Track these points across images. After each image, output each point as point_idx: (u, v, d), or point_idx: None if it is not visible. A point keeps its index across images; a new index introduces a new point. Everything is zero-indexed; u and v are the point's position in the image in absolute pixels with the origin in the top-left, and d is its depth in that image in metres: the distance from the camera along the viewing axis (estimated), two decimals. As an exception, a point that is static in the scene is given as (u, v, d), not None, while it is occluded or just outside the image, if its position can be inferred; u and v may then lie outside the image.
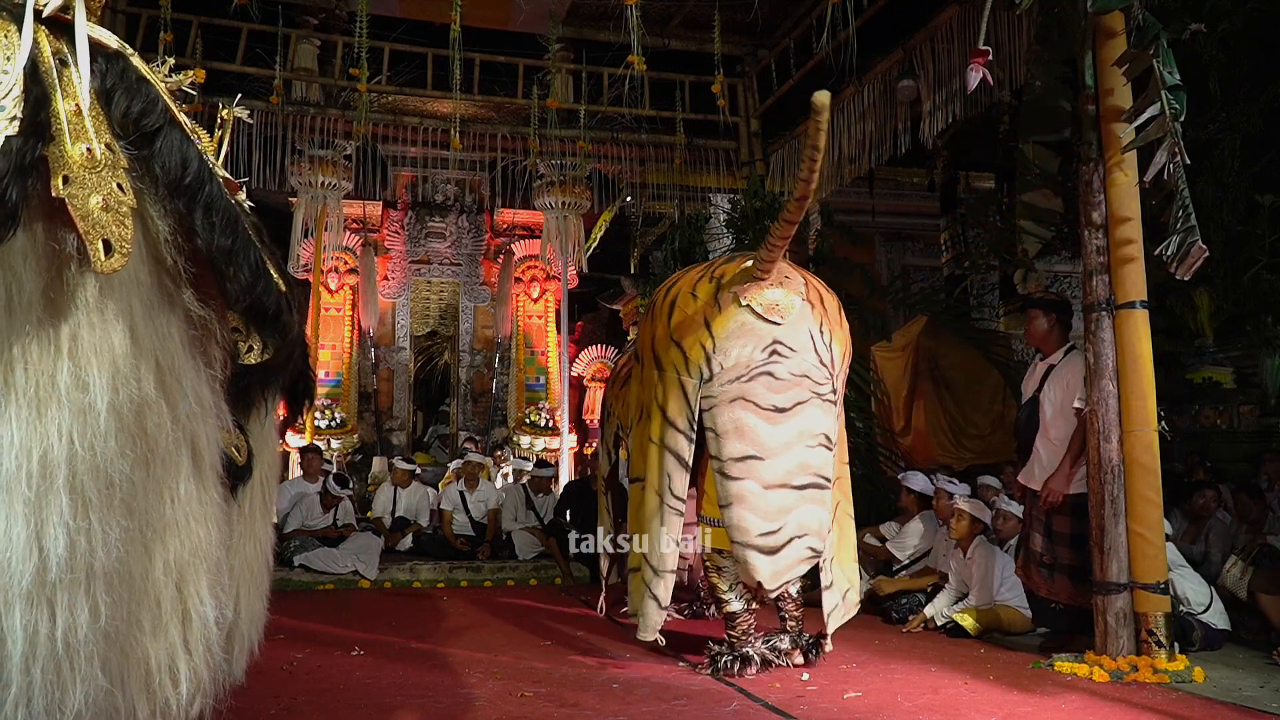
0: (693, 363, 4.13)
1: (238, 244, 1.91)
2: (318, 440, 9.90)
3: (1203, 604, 4.75)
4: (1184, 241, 3.86)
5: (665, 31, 9.40)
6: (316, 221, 9.70)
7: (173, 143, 1.77)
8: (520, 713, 3.51)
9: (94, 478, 1.56)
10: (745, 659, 4.18)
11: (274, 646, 4.74)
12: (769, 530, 4.04)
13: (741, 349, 4.07)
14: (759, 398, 4.07)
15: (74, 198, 1.54)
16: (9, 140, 1.49)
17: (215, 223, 1.83)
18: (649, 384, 4.40)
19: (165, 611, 1.73)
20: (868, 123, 7.93)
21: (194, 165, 1.80)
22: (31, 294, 1.54)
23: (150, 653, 1.69)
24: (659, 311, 4.40)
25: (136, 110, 1.72)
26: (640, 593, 4.26)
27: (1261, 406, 9.19)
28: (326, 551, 7.39)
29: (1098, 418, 4.40)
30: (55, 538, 1.49)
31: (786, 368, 4.08)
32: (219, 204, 1.86)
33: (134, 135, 1.72)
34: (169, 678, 1.72)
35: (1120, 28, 4.30)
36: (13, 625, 1.46)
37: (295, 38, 9.41)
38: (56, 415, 1.53)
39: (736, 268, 4.20)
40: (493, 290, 11.87)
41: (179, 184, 1.77)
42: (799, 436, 4.12)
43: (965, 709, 3.58)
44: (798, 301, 4.14)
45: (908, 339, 9.09)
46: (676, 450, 4.17)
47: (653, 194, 10.45)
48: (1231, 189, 6.81)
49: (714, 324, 4.10)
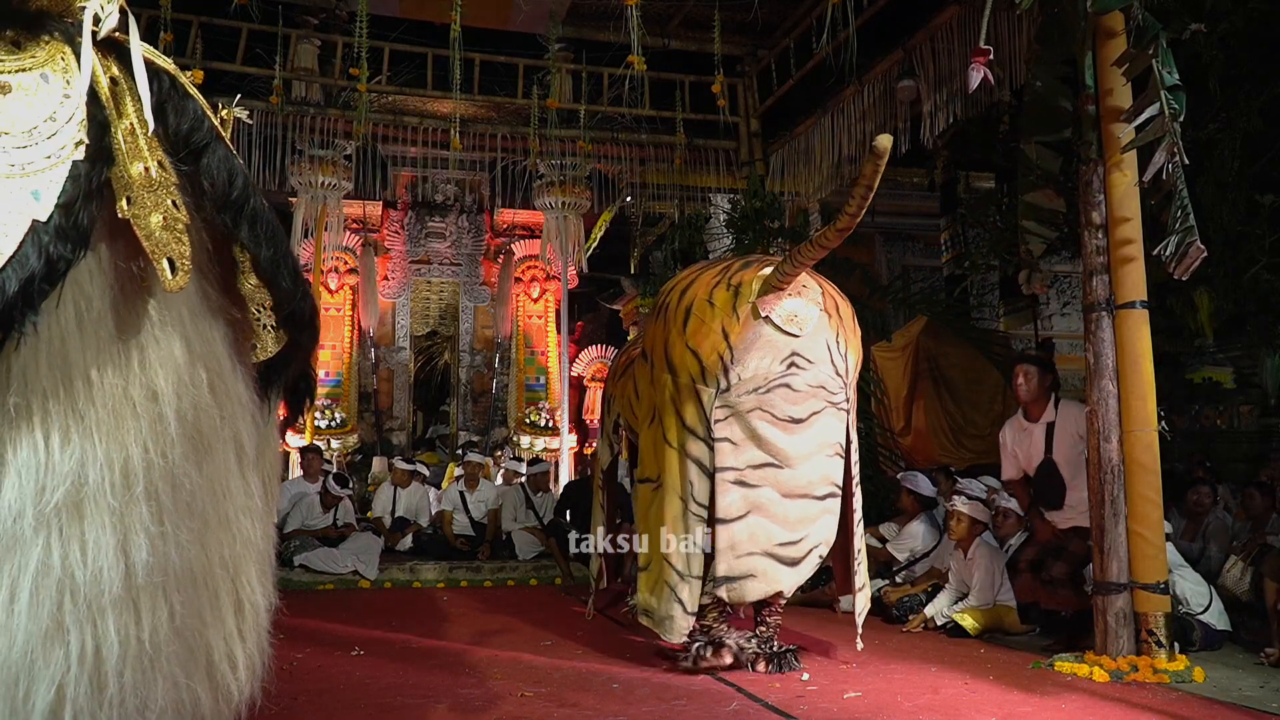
0: (710, 373, 4.11)
1: (280, 253, 1.97)
2: (318, 440, 9.91)
3: (1202, 604, 4.75)
4: (1182, 241, 3.86)
5: (665, 31, 9.40)
6: (316, 221, 9.71)
7: (219, 158, 1.81)
8: (520, 713, 3.51)
9: (166, 483, 1.61)
10: (720, 645, 4.22)
11: (274, 646, 4.74)
12: (791, 540, 4.07)
13: (760, 361, 4.06)
14: (776, 409, 4.07)
15: (137, 218, 1.59)
16: (77, 165, 1.52)
17: (260, 234, 1.89)
18: (661, 386, 4.36)
19: (223, 603, 1.80)
20: (868, 123, 7.93)
21: (240, 180, 1.85)
22: (100, 310, 1.58)
23: (212, 644, 1.76)
24: (673, 315, 4.34)
25: (186, 127, 1.77)
26: (665, 596, 4.19)
27: (1261, 406, 9.20)
28: (326, 551, 7.39)
29: (1098, 418, 4.40)
30: (139, 545, 1.55)
31: (804, 379, 4.08)
32: (263, 216, 1.92)
33: (184, 153, 1.76)
34: (229, 665, 1.80)
35: (1120, 28, 4.30)
36: (107, 631, 1.51)
37: (295, 38, 9.42)
38: (133, 426, 1.58)
39: (754, 275, 4.14)
40: (493, 290, 11.87)
41: (226, 198, 1.82)
42: (819, 447, 4.15)
43: (965, 709, 3.58)
44: (815, 312, 4.11)
45: (908, 339, 9.10)
46: (699, 458, 4.15)
47: (653, 194, 10.45)
48: (1231, 189, 6.80)
49: (732, 335, 4.07)
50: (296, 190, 9.61)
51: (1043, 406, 4.91)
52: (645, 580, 4.33)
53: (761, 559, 4.06)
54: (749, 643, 4.32)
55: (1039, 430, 4.87)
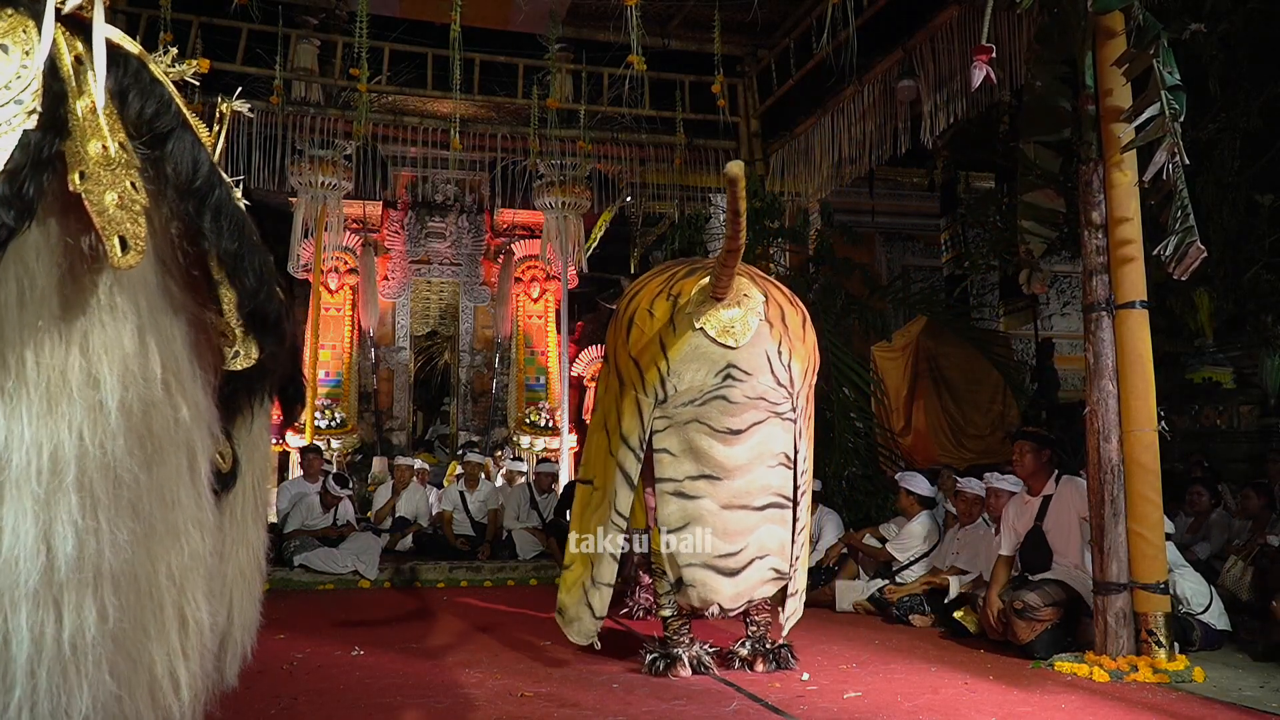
0: (649, 383, 4.08)
1: (245, 248, 1.90)
2: (318, 440, 9.91)
3: (1203, 604, 4.75)
4: (1182, 241, 3.86)
5: (665, 31, 9.41)
6: (316, 221, 9.71)
7: (185, 145, 1.77)
8: (520, 713, 3.51)
9: (103, 477, 1.54)
10: (674, 659, 4.14)
11: (274, 646, 4.74)
12: (730, 551, 4.02)
13: (695, 373, 4.00)
14: (713, 421, 4.02)
15: (90, 193, 1.54)
16: (28, 134, 1.48)
17: (223, 226, 1.83)
18: (610, 392, 4.38)
19: (168, 617, 1.70)
20: (868, 123, 7.93)
21: (204, 168, 1.80)
22: (44, 289, 1.53)
23: (155, 659, 1.67)
24: (620, 322, 4.36)
25: (150, 111, 1.73)
26: (578, 599, 4.22)
27: (1261, 406, 9.20)
28: (326, 551, 7.39)
29: (1098, 418, 4.40)
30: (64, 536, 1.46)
31: (741, 391, 4.00)
32: (228, 208, 1.86)
33: (147, 136, 1.72)
34: (170, 683, 1.70)
35: (1120, 28, 4.30)
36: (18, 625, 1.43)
37: (295, 38, 9.42)
38: (67, 411, 1.51)
39: (693, 284, 4.10)
40: (493, 290, 11.87)
41: (189, 186, 1.77)
42: (758, 457, 4.08)
43: (965, 709, 3.58)
44: (755, 322, 4.03)
45: (908, 339, 9.10)
46: (625, 468, 4.13)
47: (653, 194, 10.46)
48: (1231, 189, 6.81)
49: (669, 347, 4.04)
50: (296, 190, 9.62)
51: (1043, 481, 4.89)
52: (565, 579, 4.36)
53: (700, 570, 4.02)
54: (743, 648, 4.30)
55: (1036, 503, 4.88)
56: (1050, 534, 4.79)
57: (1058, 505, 4.79)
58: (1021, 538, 4.88)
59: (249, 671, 2.56)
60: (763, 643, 4.30)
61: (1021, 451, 4.95)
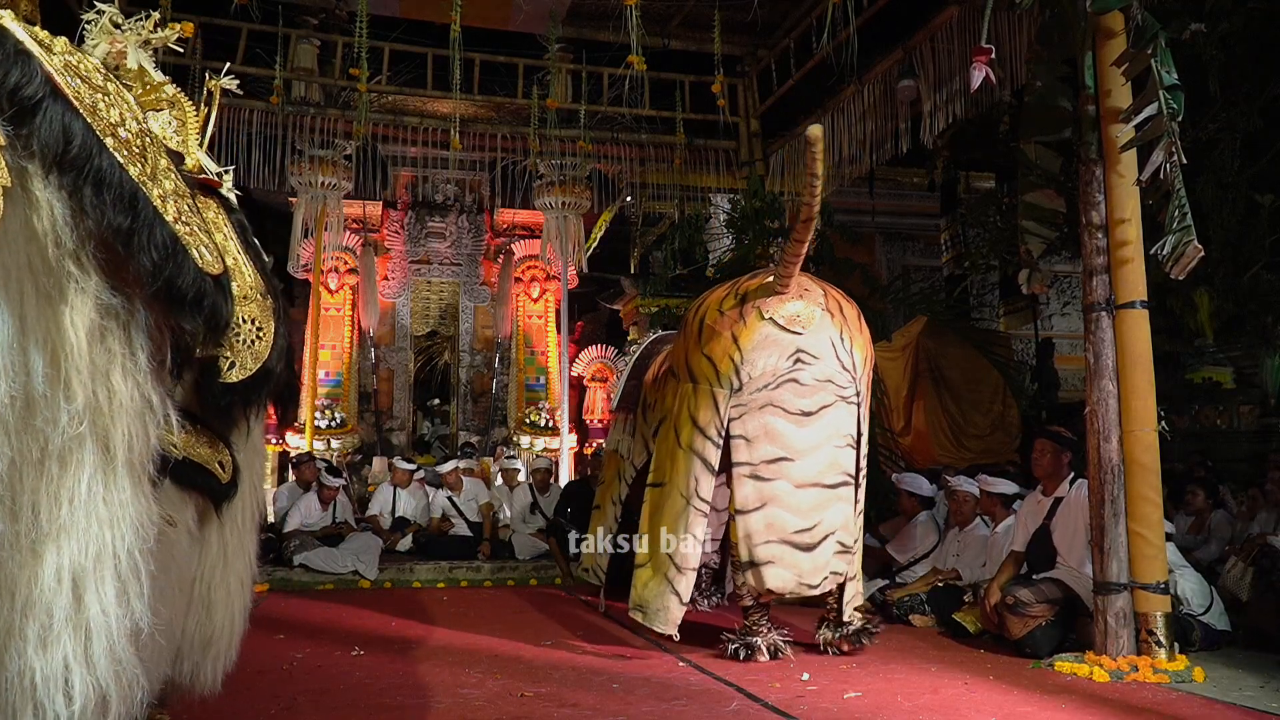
0: (723, 374, 4.40)
1: (139, 222, 1.75)
2: (318, 440, 9.91)
3: (1203, 604, 4.75)
4: (1180, 241, 3.86)
5: (665, 31, 9.41)
6: (316, 221, 9.70)
7: (53, 116, 1.63)
8: (520, 713, 3.51)
9: None
10: (753, 647, 4.39)
11: (274, 646, 4.74)
12: (804, 527, 4.34)
13: (767, 359, 4.34)
14: (787, 403, 4.35)
15: None
16: None
17: (107, 199, 1.69)
18: (682, 396, 4.64)
19: (58, 621, 1.59)
20: (868, 123, 7.93)
21: (78, 139, 1.66)
22: None
23: (37, 666, 1.56)
24: (690, 330, 4.68)
25: (12, 82, 1.60)
26: (662, 588, 4.47)
27: (1261, 406, 9.20)
28: (326, 551, 7.39)
29: (1098, 418, 4.40)
30: None
31: (811, 373, 4.35)
32: (110, 179, 1.71)
33: (11, 110, 1.59)
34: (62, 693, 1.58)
35: (1120, 28, 4.30)
36: None
37: (295, 38, 9.42)
38: None
39: (758, 283, 4.48)
40: (493, 290, 11.86)
41: (61, 159, 1.64)
42: (828, 438, 4.41)
43: (965, 709, 3.58)
44: (818, 312, 4.40)
45: (908, 339, 9.10)
46: (705, 456, 4.42)
47: (653, 194, 10.46)
48: (1231, 189, 6.81)
49: (740, 337, 4.38)
50: (296, 190, 9.61)
51: (1057, 482, 4.89)
52: (641, 576, 4.54)
53: (778, 546, 4.32)
54: (829, 632, 4.58)
55: (1048, 504, 4.88)
56: (1056, 535, 4.79)
57: (1067, 508, 4.79)
58: (1030, 535, 4.89)
59: (249, 672, 2.57)
60: (844, 626, 4.59)
61: (1042, 450, 4.96)
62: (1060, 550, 4.77)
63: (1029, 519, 4.96)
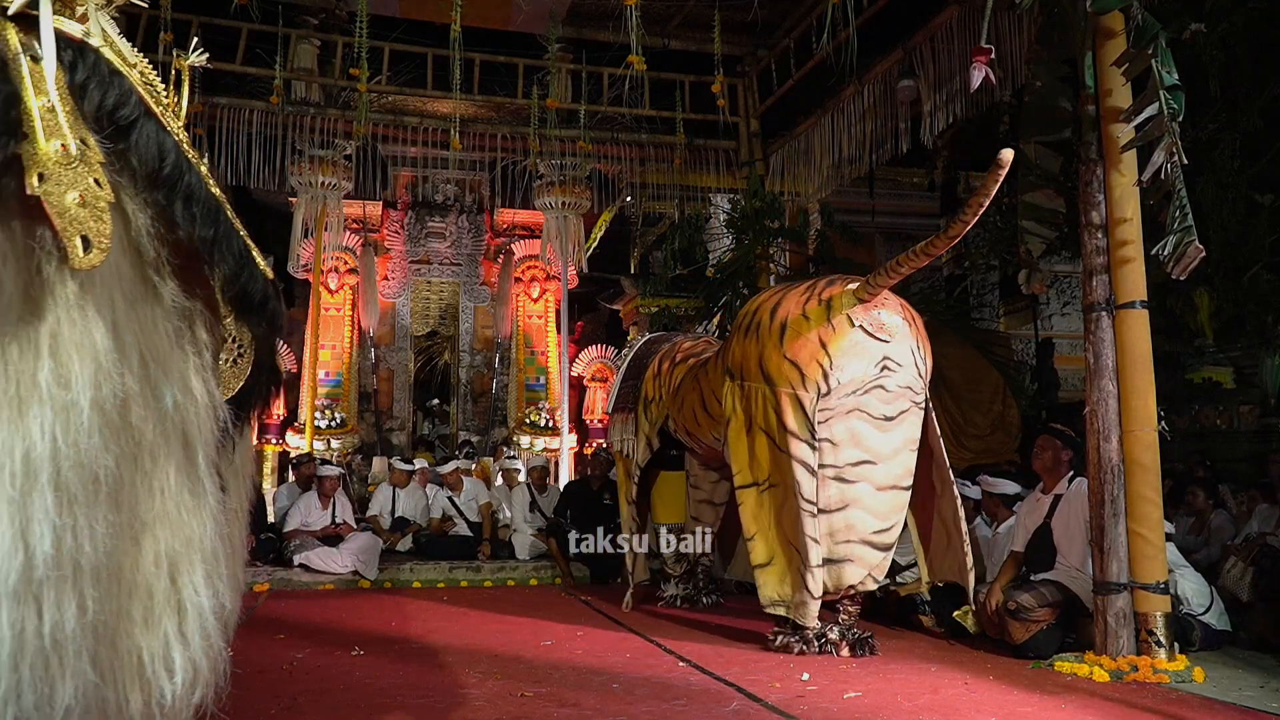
0: (809, 379, 4.52)
1: (220, 233, 1.91)
2: (318, 440, 9.91)
3: (1203, 604, 4.75)
4: (1180, 241, 3.85)
5: (665, 31, 9.40)
6: (316, 221, 9.70)
7: (148, 134, 1.75)
8: (520, 713, 3.51)
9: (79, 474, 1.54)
10: (804, 639, 4.57)
11: (274, 646, 4.74)
12: (883, 528, 4.57)
13: (856, 365, 4.49)
14: (872, 409, 4.54)
15: (50, 194, 1.52)
16: None
17: (196, 213, 1.83)
18: (757, 397, 4.75)
19: (159, 603, 1.72)
20: (868, 123, 7.93)
21: (171, 156, 1.78)
22: (11, 294, 1.52)
23: (143, 645, 1.69)
24: (767, 331, 4.74)
25: (110, 103, 1.70)
26: (797, 585, 4.57)
27: (1261, 406, 9.21)
28: (326, 551, 7.39)
29: (1098, 418, 4.40)
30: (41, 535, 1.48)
31: (895, 380, 4.52)
32: (199, 194, 1.85)
33: (109, 129, 1.70)
34: (164, 668, 1.71)
35: (1120, 28, 4.30)
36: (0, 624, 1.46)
37: (295, 38, 9.42)
38: (39, 414, 1.51)
39: (842, 290, 4.59)
40: (493, 290, 11.86)
41: (156, 176, 1.76)
42: (906, 442, 4.62)
43: (965, 709, 3.58)
44: (900, 320, 4.59)
45: (908, 339, 9.08)
46: (804, 459, 4.51)
47: (653, 194, 10.45)
48: (1231, 189, 6.80)
49: (829, 344, 4.51)
50: (296, 190, 9.61)
51: (1057, 479, 4.90)
52: (770, 575, 4.68)
53: (858, 546, 4.55)
54: (831, 632, 4.64)
55: (1047, 501, 4.89)
56: (1056, 533, 4.79)
57: (1066, 505, 4.79)
58: (1030, 534, 4.89)
59: (249, 671, 2.56)
60: (852, 631, 4.68)
61: (1044, 446, 4.97)
62: (1060, 547, 4.77)
63: (1029, 518, 4.96)
